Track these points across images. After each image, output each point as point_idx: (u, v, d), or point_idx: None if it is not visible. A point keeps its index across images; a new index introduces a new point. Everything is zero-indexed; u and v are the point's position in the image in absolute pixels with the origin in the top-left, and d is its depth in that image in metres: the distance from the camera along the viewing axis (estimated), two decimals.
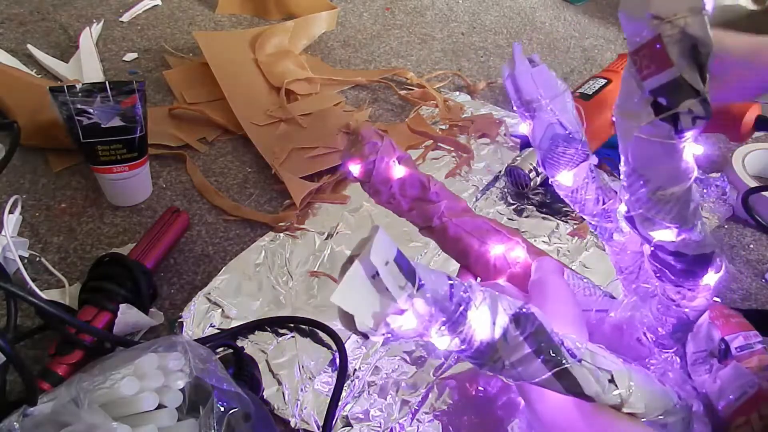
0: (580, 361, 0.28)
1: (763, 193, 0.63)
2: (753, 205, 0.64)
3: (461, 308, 0.26)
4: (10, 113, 0.64)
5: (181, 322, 0.49)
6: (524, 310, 0.28)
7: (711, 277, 0.33)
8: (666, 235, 0.31)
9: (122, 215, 0.59)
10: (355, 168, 0.41)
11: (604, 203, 0.40)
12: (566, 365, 0.28)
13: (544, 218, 0.62)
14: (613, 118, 0.32)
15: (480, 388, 0.46)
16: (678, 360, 0.39)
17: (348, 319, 0.23)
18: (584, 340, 0.30)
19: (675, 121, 0.26)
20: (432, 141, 0.71)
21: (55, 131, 0.61)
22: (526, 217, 0.62)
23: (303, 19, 0.91)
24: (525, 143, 0.66)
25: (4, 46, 0.81)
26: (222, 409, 0.35)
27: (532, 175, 0.62)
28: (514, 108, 0.41)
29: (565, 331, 0.29)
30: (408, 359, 0.48)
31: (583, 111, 0.65)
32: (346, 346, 0.47)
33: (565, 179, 0.39)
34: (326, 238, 0.57)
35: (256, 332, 0.49)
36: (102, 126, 0.54)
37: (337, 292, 0.22)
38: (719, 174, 0.69)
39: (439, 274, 0.26)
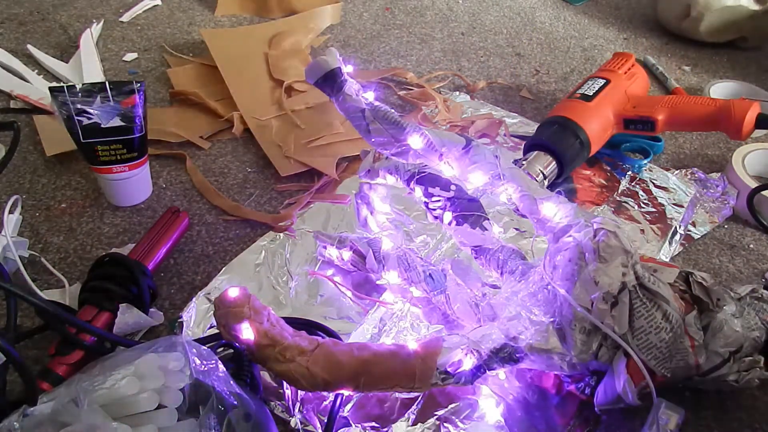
0: None
1: (763, 192, 0.62)
2: (756, 205, 0.63)
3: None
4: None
5: (181, 322, 0.48)
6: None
7: None
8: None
9: (122, 215, 0.59)
10: (248, 331, 0.40)
11: None
12: None
13: None
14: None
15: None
16: None
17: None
18: None
19: None
20: None
21: None
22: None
23: (309, 13, 0.92)
24: (529, 146, 0.65)
25: (4, 46, 0.81)
26: (222, 409, 0.35)
27: (540, 178, 0.62)
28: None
29: None
30: None
31: (586, 112, 0.65)
32: None
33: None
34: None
35: None
36: (102, 126, 0.54)
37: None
38: (719, 174, 0.69)
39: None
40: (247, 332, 0.40)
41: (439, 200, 0.52)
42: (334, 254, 0.53)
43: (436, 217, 0.53)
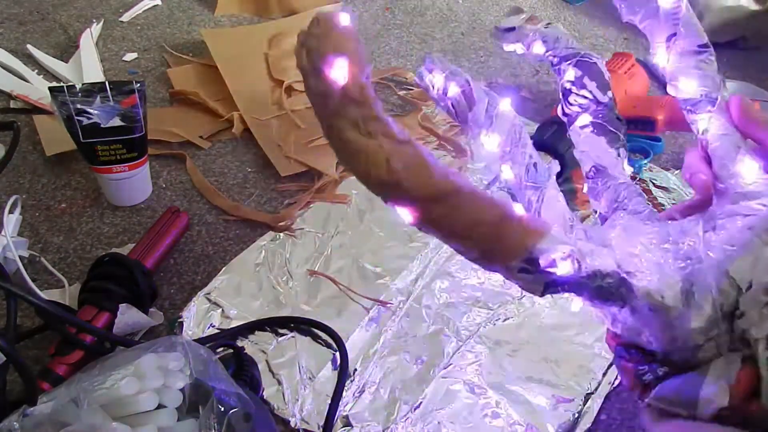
0: None
1: None
2: None
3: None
4: None
5: (181, 322, 0.49)
6: None
7: None
8: None
9: (122, 215, 0.59)
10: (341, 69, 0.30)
11: None
12: None
13: None
14: None
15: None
16: None
17: None
18: None
19: None
20: (437, 139, 0.71)
21: None
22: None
23: (308, 13, 0.92)
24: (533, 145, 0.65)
25: (4, 46, 0.81)
26: (222, 409, 0.35)
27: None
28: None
29: None
30: (408, 359, 0.47)
31: None
32: (347, 345, 0.47)
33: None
34: (326, 238, 0.57)
35: (256, 332, 0.49)
36: (102, 126, 0.54)
37: None
38: None
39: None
40: (339, 70, 0.29)
41: (585, 98, 0.43)
42: (437, 82, 0.41)
43: (566, 115, 0.43)
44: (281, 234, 0.57)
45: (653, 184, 0.67)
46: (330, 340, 0.48)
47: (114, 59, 0.82)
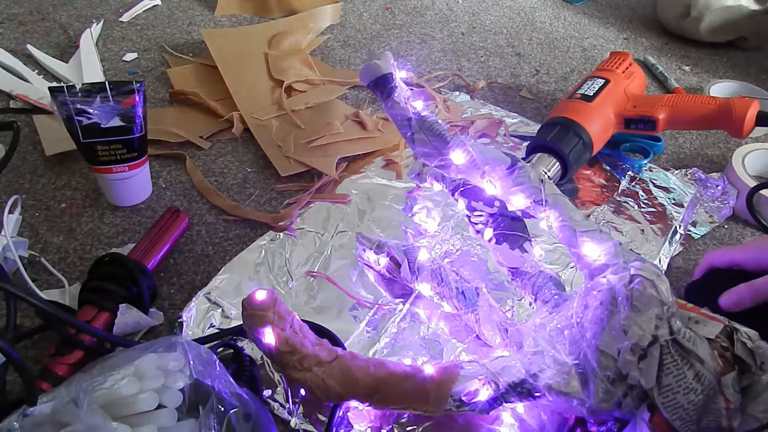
0: None
1: (763, 192, 0.62)
2: (756, 204, 0.63)
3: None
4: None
5: (181, 322, 0.48)
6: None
7: None
8: None
9: (122, 215, 0.59)
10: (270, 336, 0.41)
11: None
12: None
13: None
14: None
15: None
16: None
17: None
18: None
19: None
20: None
21: None
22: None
23: (308, 13, 0.92)
24: (532, 148, 0.65)
25: (4, 46, 0.81)
26: (222, 409, 0.35)
27: (544, 178, 0.61)
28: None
29: None
30: (407, 360, 0.47)
31: (587, 112, 0.65)
32: (346, 346, 0.47)
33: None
34: (326, 239, 0.57)
35: None
36: (101, 126, 0.54)
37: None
38: (719, 174, 0.69)
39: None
40: (269, 337, 0.40)
41: (481, 215, 0.52)
42: (371, 258, 0.54)
43: (477, 232, 0.53)
44: (281, 234, 0.57)
45: (653, 184, 0.67)
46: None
47: (114, 59, 0.82)
